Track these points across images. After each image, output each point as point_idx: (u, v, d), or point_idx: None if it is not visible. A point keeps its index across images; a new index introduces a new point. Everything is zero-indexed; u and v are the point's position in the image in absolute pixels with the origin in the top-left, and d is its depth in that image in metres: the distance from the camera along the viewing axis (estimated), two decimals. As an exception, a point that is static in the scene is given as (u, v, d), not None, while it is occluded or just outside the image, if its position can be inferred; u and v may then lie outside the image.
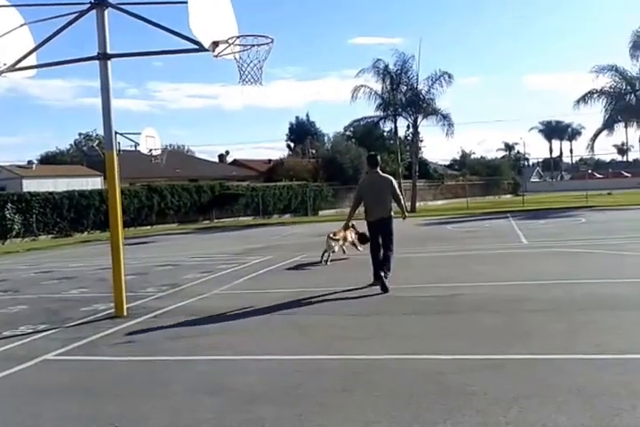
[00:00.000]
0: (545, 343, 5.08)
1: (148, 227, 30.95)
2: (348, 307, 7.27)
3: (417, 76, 33.93)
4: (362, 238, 11.08)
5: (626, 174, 66.45)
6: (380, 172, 9.09)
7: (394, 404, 3.87)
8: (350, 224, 10.80)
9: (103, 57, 7.39)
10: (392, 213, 8.83)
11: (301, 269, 11.07)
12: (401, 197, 9.35)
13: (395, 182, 9.00)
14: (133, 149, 23.75)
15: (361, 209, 9.09)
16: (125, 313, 7.40)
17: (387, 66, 33.81)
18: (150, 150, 22.39)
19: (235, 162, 53.98)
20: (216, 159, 54.30)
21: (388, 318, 6.51)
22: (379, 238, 8.77)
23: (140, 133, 22.06)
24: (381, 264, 8.43)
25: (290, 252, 14.17)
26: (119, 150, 22.60)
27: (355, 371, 4.63)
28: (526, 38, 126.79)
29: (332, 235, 11.86)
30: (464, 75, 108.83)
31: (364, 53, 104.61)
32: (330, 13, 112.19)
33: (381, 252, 8.59)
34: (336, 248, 11.89)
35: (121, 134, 22.16)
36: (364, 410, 3.79)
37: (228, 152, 57.59)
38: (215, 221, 34.38)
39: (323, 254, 11.69)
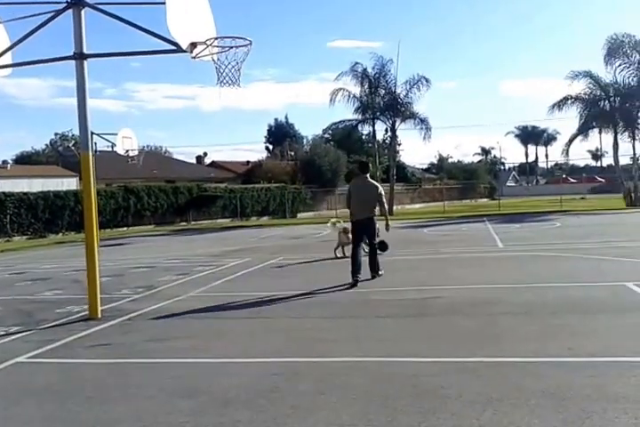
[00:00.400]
0: (518, 346, 5.15)
1: (125, 228, 30.65)
2: (324, 309, 7.28)
3: (395, 79, 34.28)
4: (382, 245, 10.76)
5: (600, 180, 67.57)
6: (369, 178, 9.63)
7: (369, 406, 3.88)
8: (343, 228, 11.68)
9: (79, 57, 7.32)
10: (374, 214, 9.32)
11: (279, 272, 11.06)
12: (385, 205, 9.73)
13: (380, 190, 9.45)
14: (110, 149, 23.52)
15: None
16: (100, 315, 7.32)
17: (365, 69, 34.06)
18: (127, 151, 22.18)
19: (213, 163, 53.76)
20: (194, 161, 54.03)
21: (364, 321, 6.53)
22: (362, 239, 9.39)
23: (116, 134, 21.86)
24: (371, 265, 9.26)
25: (267, 254, 14.15)
26: (95, 151, 22.49)
27: (331, 374, 4.64)
28: (502, 44, 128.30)
29: (342, 230, 12.23)
30: (442, 79, 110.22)
31: (343, 57, 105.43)
32: (309, 16, 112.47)
33: (361, 253, 9.31)
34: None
35: (97, 135, 21.93)
36: (339, 413, 3.80)
37: (205, 153, 57.36)
38: (192, 222, 34.18)
39: (335, 250, 12.36)
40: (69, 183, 32.16)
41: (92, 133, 20.89)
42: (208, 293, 8.93)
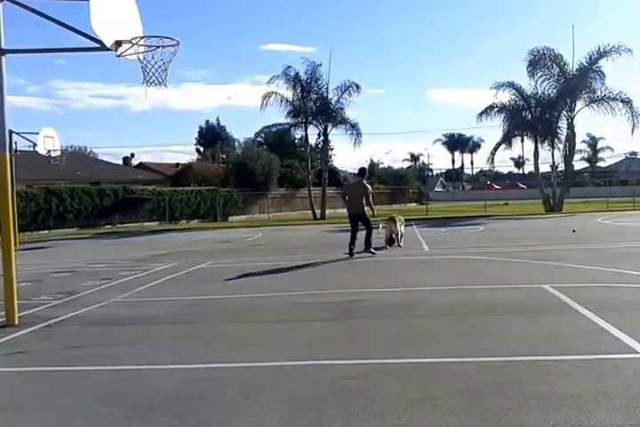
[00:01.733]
0: (440, 347, 5.29)
1: (46, 231, 29.49)
2: (251, 314, 7.25)
3: (327, 85, 34.64)
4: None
5: (522, 186, 70.38)
6: (364, 180, 13.27)
7: (295, 410, 3.89)
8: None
9: (-3, 52, 6.99)
10: (365, 209, 12.87)
11: (208, 276, 10.91)
12: (371, 201, 13.05)
13: (369, 190, 13.02)
14: (31, 149, 22.54)
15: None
16: (17, 322, 7.02)
17: (298, 73, 34.23)
18: (49, 151, 21.41)
19: (140, 165, 52.45)
20: (120, 162, 52.54)
21: (292, 325, 6.54)
22: (357, 225, 13.03)
23: (37, 133, 21.04)
24: (366, 243, 12.95)
25: (196, 258, 13.94)
26: (15, 151, 21.52)
27: (256, 378, 4.62)
28: (433, 53, 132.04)
29: (383, 223, 14.46)
30: (373, 86, 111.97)
31: (276, 60, 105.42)
32: (243, 18, 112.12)
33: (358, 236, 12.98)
34: (398, 229, 14.28)
35: (17, 134, 21.07)
36: (264, 417, 3.79)
37: (133, 155, 55.91)
38: (118, 225, 33.20)
39: (386, 240, 14.14)
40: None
41: (11, 132, 20.02)
42: (132, 298, 8.71)
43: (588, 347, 5.05)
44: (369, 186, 13.15)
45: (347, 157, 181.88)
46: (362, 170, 14.03)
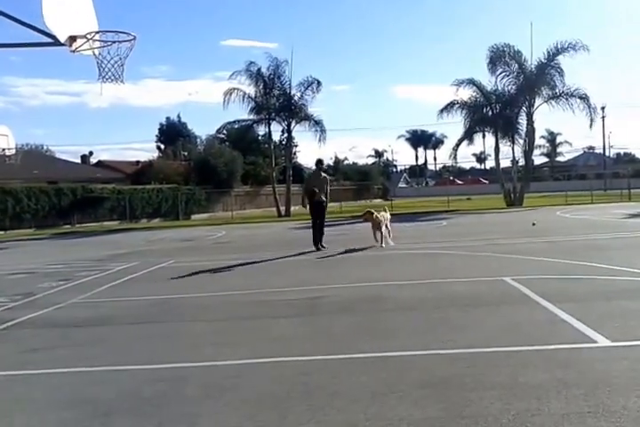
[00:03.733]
0: (403, 341, 5.32)
1: (2, 232, 28.70)
2: (213, 312, 7.17)
3: (290, 81, 34.47)
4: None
5: (484, 181, 71.48)
6: (322, 172, 14.05)
7: (259, 407, 3.86)
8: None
9: (-54, 47, 6.77)
10: (325, 200, 13.54)
11: (168, 276, 10.75)
12: (329, 190, 13.99)
13: (329, 180, 14.01)
14: (-16, 148, 21.88)
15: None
16: (-29, 325, 6.81)
17: (260, 69, 33.96)
18: (3, 150, 20.83)
19: (99, 163, 51.50)
20: (79, 160, 51.44)
21: (254, 322, 6.50)
22: (318, 217, 13.53)
23: (-10, 131, 20.44)
24: (319, 235, 13.47)
25: (157, 257, 13.74)
26: (-33, 149, 20.83)
27: (220, 377, 4.56)
28: (395, 50, 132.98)
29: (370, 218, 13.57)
30: (337, 82, 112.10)
31: (237, 56, 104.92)
32: (203, 13, 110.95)
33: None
34: (383, 227, 13.48)
35: (-31, 132, 20.42)
36: (228, 415, 3.75)
37: (91, 153, 54.89)
38: (77, 225, 32.49)
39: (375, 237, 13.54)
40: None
41: (-37, 130, 19.43)
42: (91, 299, 8.52)
43: (549, 338, 5.13)
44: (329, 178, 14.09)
45: (311, 153, 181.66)
46: (320, 161, 14.44)
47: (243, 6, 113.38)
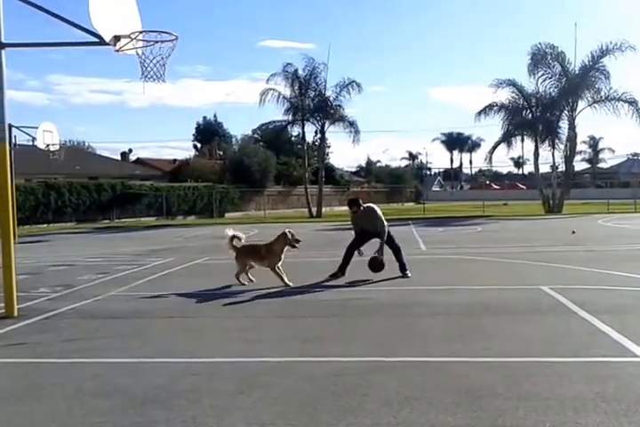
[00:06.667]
0: (436, 346, 5.27)
1: (45, 225, 29.46)
2: (247, 310, 7.24)
3: (325, 82, 34.59)
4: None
5: (521, 186, 70.37)
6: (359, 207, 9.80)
7: (289, 406, 3.88)
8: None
9: (-4, 46, 6.95)
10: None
11: (203, 272, 10.88)
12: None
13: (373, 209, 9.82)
14: (30, 143, 22.48)
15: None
16: (16, 314, 7.04)
17: (296, 70, 34.18)
18: (48, 146, 21.40)
19: (138, 160, 52.42)
20: (118, 157, 52.44)
21: (287, 321, 6.53)
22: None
23: (37, 128, 20.99)
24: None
25: (192, 254, 13.91)
26: (14, 145, 21.41)
27: (252, 373, 4.60)
28: (431, 51, 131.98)
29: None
30: (371, 83, 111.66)
31: (274, 57, 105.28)
32: (241, 14, 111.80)
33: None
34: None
35: (16, 128, 21.01)
36: (258, 412, 3.78)
37: (131, 150, 55.85)
38: (116, 220, 33.19)
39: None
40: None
41: (11, 126, 19.97)
42: (129, 292, 8.68)
43: (587, 349, 5.02)
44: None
45: (344, 154, 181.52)
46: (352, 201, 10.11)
47: (280, 7, 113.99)
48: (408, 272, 9.54)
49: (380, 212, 9.79)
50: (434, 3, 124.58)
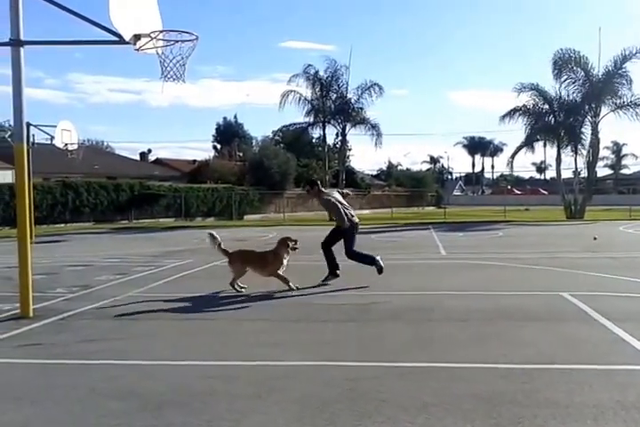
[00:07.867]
0: (454, 352, 5.22)
1: (62, 225, 29.69)
2: (265, 313, 7.21)
3: (347, 84, 34.54)
4: None
5: (543, 192, 69.66)
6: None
7: (306, 410, 3.86)
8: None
9: (16, 43, 6.97)
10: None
11: (221, 274, 10.86)
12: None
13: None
14: (48, 142, 22.64)
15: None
16: (32, 314, 7.05)
17: (317, 72, 34.18)
18: (66, 145, 21.45)
19: (157, 161, 52.75)
20: (137, 157, 52.83)
21: (304, 325, 6.50)
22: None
23: (55, 126, 21.09)
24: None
25: (210, 256, 13.88)
26: (33, 143, 21.59)
27: (268, 377, 4.58)
28: (454, 54, 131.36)
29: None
30: (393, 86, 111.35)
31: (294, 58, 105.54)
32: (262, 15, 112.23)
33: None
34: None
35: (34, 126, 21.12)
36: (275, 416, 3.76)
37: (150, 150, 56.27)
38: (134, 221, 33.33)
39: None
40: (5, 176, 30.86)
41: (29, 124, 20.13)
42: (146, 293, 8.71)
43: (607, 357, 4.95)
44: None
45: (364, 157, 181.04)
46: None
47: (302, 9, 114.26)
48: (328, 282, 9.18)
49: (336, 205, 9.35)
50: (456, 7, 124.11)
